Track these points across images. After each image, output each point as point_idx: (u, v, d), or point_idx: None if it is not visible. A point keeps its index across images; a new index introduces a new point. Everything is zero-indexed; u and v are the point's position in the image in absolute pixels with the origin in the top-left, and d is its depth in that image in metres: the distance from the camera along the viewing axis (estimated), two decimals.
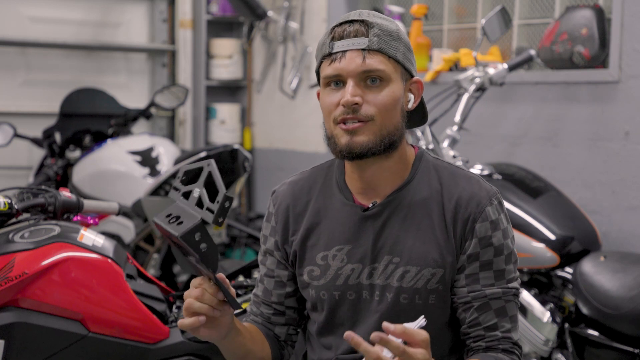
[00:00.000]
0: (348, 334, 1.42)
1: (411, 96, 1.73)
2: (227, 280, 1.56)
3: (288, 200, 1.82)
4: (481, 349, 1.69)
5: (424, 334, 1.45)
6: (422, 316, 1.52)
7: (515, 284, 1.71)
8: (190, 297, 1.56)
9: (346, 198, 1.76)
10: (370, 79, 1.65)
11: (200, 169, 1.54)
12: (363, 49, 1.65)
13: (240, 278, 2.48)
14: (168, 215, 1.54)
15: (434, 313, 1.70)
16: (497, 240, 1.68)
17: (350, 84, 1.65)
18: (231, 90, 5.79)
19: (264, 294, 1.86)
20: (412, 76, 1.73)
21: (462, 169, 1.77)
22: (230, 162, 3.73)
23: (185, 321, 1.56)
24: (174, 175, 3.61)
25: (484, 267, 1.68)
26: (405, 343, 1.43)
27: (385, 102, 1.65)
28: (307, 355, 1.88)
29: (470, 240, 1.68)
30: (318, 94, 1.76)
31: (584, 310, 2.83)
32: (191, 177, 1.56)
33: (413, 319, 1.69)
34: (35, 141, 4.45)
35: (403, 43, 1.69)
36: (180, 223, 1.50)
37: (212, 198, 1.50)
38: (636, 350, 2.71)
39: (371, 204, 1.73)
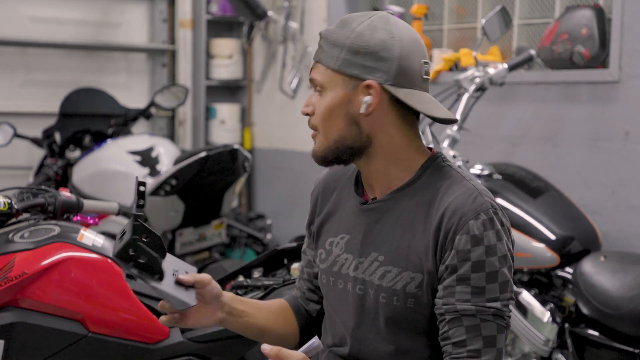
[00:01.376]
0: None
1: (367, 99, 1.68)
2: (189, 278, 1.64)
3: (321, 185, 1.89)
4: None
5: (300, 356, 1.52)
6: (316, 336, 1.56)
7: (498, 305, 1.62)
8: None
9: (357, 190, 1.81)
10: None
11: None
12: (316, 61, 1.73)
13: (240, 278, 2.48)
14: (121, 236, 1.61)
15: (413, 318, 1.69)
16: (477, 256, 1.62)
17: (310, 94, 1.74)
18: (231, 90, 5.79)
19: (301, 270, 1.95)
20: (364, 79, 1.68)
21: (469, 179, 1.71)
22: (230, 162, 3.73)
23: (162, 319, 1.69)
24: (174, 175, 3.61)
25: (461, 282, 1.63)
26: None
27: (321, 112, 1.71)
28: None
29: (449, 252, 1.64)
30: None
31: (584, 310, 2.83)
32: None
33: (392, 319, 1.70)
34: (35, 141, 4.45)
35: (347, 48, 1.67)
36: (121, 240, 1.58)
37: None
38: (636, 350, 2.71)
39: (370, 200, 1.76)
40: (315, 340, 1.53)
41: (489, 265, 1.62)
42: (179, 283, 1.62)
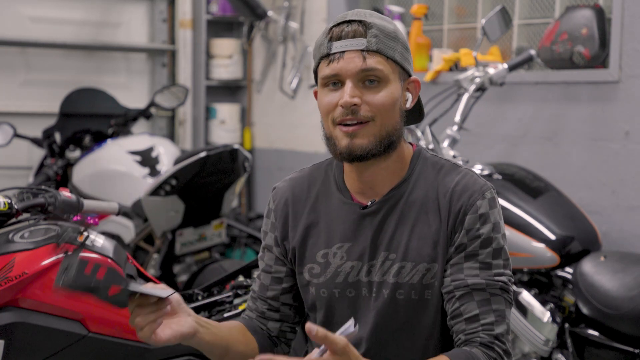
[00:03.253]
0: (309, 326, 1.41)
1: (409, 95, 1.74)
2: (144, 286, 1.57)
3: (288, 197, 1.83)
4: (461, 342, 1.67)
5: (342, 342, 1.40)
6: (352, 318, 1.47)
7: (504, 279, 1.68)
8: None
9: (345, 197, 1.78)
10: (368, 80, 1.67)
11: None
12: (362, 50, 1.66)
13: (240, 278, 2.48)
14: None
15: (430, 309, 1.71)
16: (485, 234, 1.68)
17: (348, 84, 1.66)
18: (231, 90, 5.79)
19: (260, 289, 1.87)
20: (410, 75, 1.74)
21: (459, 165, 1.77)
22: (230, 162, 3.72)
23: (140, 334, 1.60)
24: (174, 175, 3.61)
25: (469, 258, 1.68)
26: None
27: (384, 103, 1.67)
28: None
29: (459, 232, 1.68)
30: (315, 94, 1.77)
31: (584, 310, 2.83)
32: None
33: (409, 315, 1.69)
34: (35, 141, 4.45)
35: (400, 43, 1.70)
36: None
37: None
38: (636, 350, 2.71)
39: (370, 202, 1.75)
40: (350, 323, 1.46)
41: (495, 241, 1.68)
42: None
